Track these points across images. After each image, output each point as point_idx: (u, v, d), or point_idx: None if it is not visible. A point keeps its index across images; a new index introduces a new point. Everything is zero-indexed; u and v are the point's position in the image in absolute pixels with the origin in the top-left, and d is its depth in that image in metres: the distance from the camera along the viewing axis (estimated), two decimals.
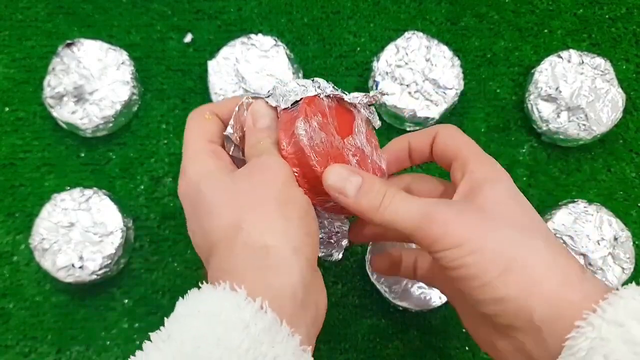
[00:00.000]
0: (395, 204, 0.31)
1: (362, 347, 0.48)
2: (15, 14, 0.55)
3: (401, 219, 0.31)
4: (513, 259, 0.29)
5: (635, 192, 0.51)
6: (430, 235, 0.30)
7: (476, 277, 0.29)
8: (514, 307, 0.28)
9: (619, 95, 0.50)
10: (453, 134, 0.35)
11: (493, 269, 0.28)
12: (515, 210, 0.31)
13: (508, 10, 0.55)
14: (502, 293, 0.28)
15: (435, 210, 0.30)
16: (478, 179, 0.32)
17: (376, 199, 0.31)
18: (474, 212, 0.30)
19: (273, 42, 0.51)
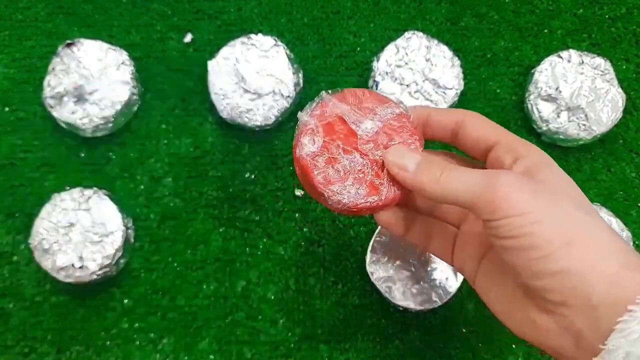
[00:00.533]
0: (455, 175, 0.31)
1: (362, 347, 0.48)
2: (15, 14, 0.55)
3: (463, 187, 0.31)
4: (577, 233, 0.28)
5: (635, 192, 0.51)
6: (493, 202, 0.29)
7: (538, 247, 0.28)
8: (573, 281, 0.28)
9: (619, 95, 0.50)
10: (485, 122, 0.35)
11: (557, 240, 0.28)
12: (572, 189, 0.31)
13: (508, 10, 0.55)
14: (564, 265, 0.28)
15: (498, 179, 0.30)
16: (534, 161, 0.32)
17: (436, 171, 0.32)
18: (536, 185, 0.30)
19: (273, 42, 0.51)
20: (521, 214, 0.29)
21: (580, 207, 0.30)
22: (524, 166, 0.32)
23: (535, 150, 0.33)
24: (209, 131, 0.53)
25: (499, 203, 0.29)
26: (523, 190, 0.29)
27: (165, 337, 0.49)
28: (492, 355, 0.48)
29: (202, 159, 0.52)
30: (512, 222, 0.29)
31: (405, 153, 0.33)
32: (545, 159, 0.33)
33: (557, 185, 0.31)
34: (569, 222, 0.29)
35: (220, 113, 0.51)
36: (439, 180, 0.32)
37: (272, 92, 0.50)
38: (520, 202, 0.29)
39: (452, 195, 0.31)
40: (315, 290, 0.50)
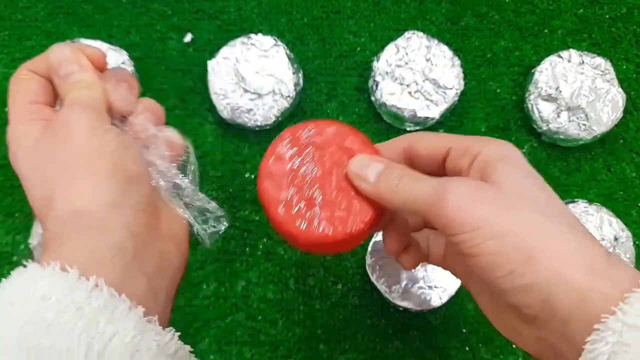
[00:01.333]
0: (410, 183, 0.30)
1: (362, 347, 0.48)
2: (15, 14, 0.55)
3: (414, 198, 0.29)
4: (538, 245, 0.26)
5: (635, 192, 0.51)
6: (444, 215, 0.27)
7: (499, 266, 0.26)
8: (540, 296, 0.26)
9: (619, 95, 0.49)
10: (431, 135, 0.33)
11: (517, 256, 0.26)
12: (534, 191, 0.28)
13: (508, 10, 0.55)
14: (527, 281, 0.26)
15: (449, 188, 0.28)
16: (488, 159, 0.29)
17: (394, 180, 0.30)
18: (491, 192, 0.28)
19: (273, 42, 0.51)
20: (476, 229, 0.27)
21: (541, 210, 0.28)
22: (480, 165, 0.30)
23: (490, 145, 0.30)
24: (209, 131, 0.53)
25: (451, 217, 0.27)
26: (475, 202, 0.27)
27: None
28: (492, 355, 0.48)
29: (202, 159, 0.52)
30: (467, 238, 0.27)
31: (369, 162, 0.32)
32: (501, 153, 0.30)
33: (513, 188, 0.28)
34: (528, 233, 0.26)
35: (220, 113, 0.51)
36: (396, 190, 0.30)
37: (272, 92, 0.50)
38: (473, 215, 0.27)
39: (409, 206, 0.30)
40: (315, 290, 0.49)
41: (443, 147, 0.32)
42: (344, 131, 0.33)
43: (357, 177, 0.32)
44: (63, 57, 0.34)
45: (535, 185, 0.29)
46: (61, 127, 0.30)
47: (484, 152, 0.30)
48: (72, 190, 0.29)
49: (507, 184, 0.28)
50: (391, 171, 0.31)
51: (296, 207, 0.32)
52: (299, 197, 0.32)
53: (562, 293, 0.26)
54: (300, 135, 0.33)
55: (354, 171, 0.32)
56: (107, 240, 0.28)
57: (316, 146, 0.33)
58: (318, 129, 0.33)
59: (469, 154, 0.30)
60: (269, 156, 0.33)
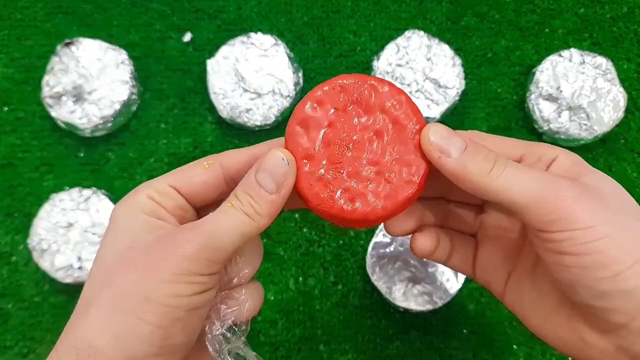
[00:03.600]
0: (511, 171, 0.27)
1: (363, 347, 0.48)
2: (14, 14, 0.55)
3: (519, 188, 0.27)
4: (633, 256, 0.25)
5: (636, 192, 0.51)
6: (554, 211, 0.26)
7: (606, 266, 0.26)
8: (620, 306, 0.26)
9: (620, 94, 0.49)
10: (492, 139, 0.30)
11: (626, 258, 0.25)
12: (627, 199, 0.28)
13: (509, 10, 0.55)
14: (633, 285, 0.25)
15: (563, 186, 0.26)
16: (570, 163, 0.29)
17: (487, 163, 0.27)
18: (598, 195, 0.27)
19: (273, 41, 0.51)
20: (586, 228, 0.26)
21: (636, 216, 0.27)
22: (561, 170, 0.29)
23: (564, 151, 0.30)
24: (209, 131, 0.52)
25: (562, 214, 0.26)
26: (589, 201, 0.26)
27: None
28: (493, 356, 0.48)
29: None
30: (575, 236, 0.26)
31: (450, 135, 0.28)
32: (577, 158, 0.29)
33: (611, 195, 0.28)
34: (635, 238, 0.26)
35: (220, 113, 0.50)
36: (490, 175, 0.27)
37: (271, 92, 0.50)
38: (586, 214, 0.26)
39: (505, 194, 0.27)
40: (315, 290, 0.49)
41: (516, 153, 0.30)
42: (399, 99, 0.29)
43: (439, 150, 0.28)
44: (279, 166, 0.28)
45: (625, 194, 0.28)
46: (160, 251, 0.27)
47: (562, 158, 0.29)
48: (105, 321, 0.26)
49: (604, 189, 0.28)
50: (479, 150, 0.28)
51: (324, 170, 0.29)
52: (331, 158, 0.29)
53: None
54: (349, 87, 0.29)
55: (436, 142, 0.28)
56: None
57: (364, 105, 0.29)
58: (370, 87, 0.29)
59: (544, 160, 0.29)
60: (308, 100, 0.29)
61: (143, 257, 0.27)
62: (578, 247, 0.26)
